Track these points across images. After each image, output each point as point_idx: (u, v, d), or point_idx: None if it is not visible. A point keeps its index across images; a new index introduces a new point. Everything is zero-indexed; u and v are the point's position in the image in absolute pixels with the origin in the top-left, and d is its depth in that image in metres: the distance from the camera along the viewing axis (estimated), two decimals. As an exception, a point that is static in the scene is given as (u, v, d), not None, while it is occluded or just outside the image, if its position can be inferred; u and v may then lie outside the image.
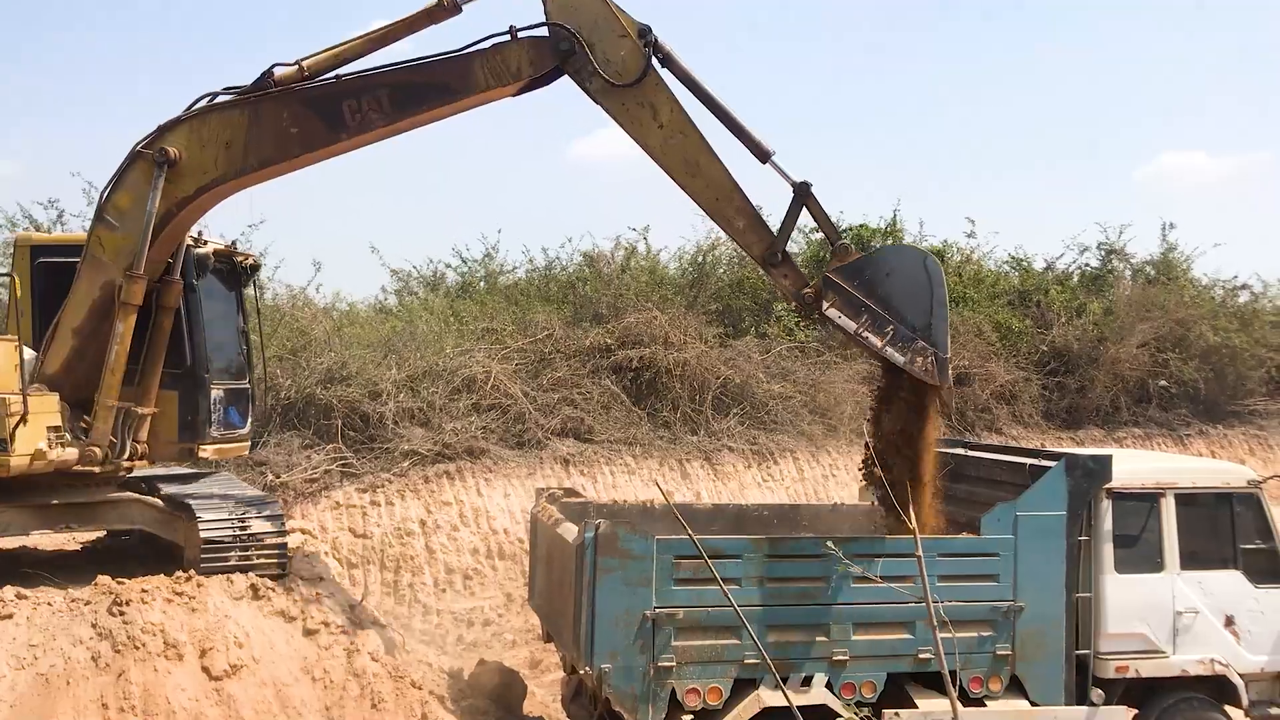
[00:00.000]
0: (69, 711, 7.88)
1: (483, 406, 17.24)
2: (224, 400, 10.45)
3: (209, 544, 9.28)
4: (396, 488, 15.50)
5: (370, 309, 23.06)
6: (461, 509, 15.59)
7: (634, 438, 17.42)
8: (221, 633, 8.65)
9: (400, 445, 16.01)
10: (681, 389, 18.30)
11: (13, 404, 8.77)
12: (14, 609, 8.41)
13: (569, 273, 23.31)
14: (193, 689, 8.30)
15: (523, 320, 19.98)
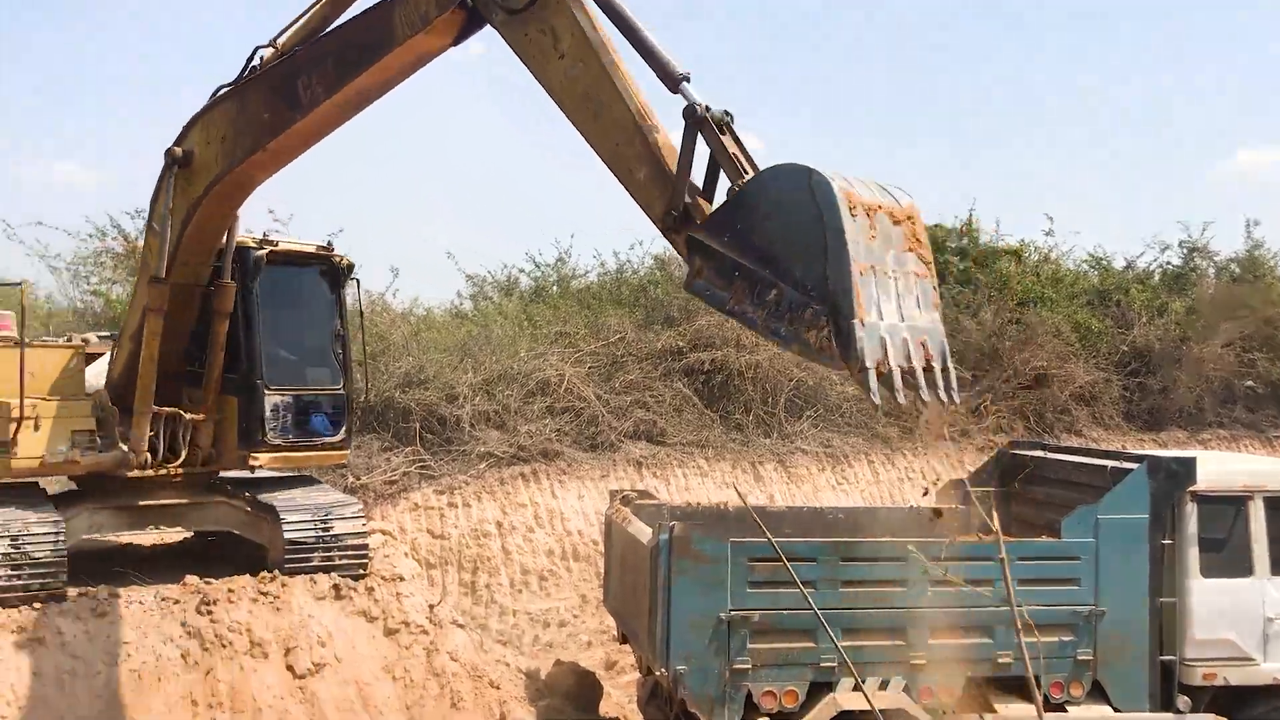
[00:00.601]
0: (160, 707, 8.12)
1: (556, 409, 17.39)
2: (289, 407, 10.22)
3: (293, 545, 9.49)
4: (473, 489, 15.70)
5: (446, 314, 23.34)
6: (536, 510, 15.74)
7: (706, 440, 17.44)
8: (305, 632, 8.85)
9: (476, 447, 16.22)
10: (754, 391, 18.27)
11: (13, 409, 9.11)
12: (107, 607, 8.68)
13: (640, 276, 23.36)
14: (278, 687, 8.51)
15: (595, 323, 20.09)
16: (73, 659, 8.19)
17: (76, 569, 8.88)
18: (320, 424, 10.42)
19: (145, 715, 8.01)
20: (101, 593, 8.84)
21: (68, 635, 8.32)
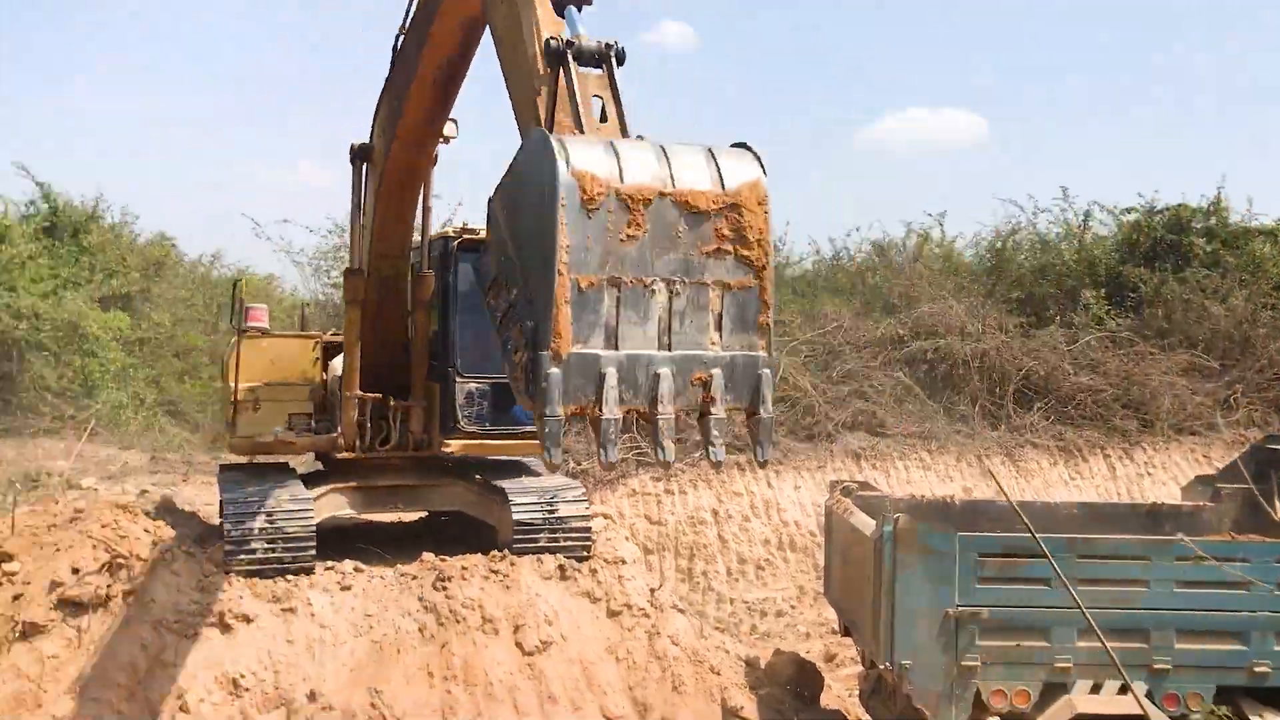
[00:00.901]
0: (400, 677, 8.53)
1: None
2: (484, 395, 10.30)
3: (521, 526, 9.79)
4: (689, 477, 15.80)
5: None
6: (752, 500, 15.71)
7: (929, 432, 16.98)
8: (533, 610, 9.12)
9: (692, 436, 16.29)
10: (980, 381, 17.68)
11: (233, 392, 10.11)
12: (352, 581, 9.19)
13: (857, 262, 22.96)
14: (508, 662, 8.80)
15: (810, 312, 19.88)
16: (321, 628, 8.71)
17: (323, 544, 9.44)
18: (520, 412, 10.22)
19: (386, 684, 8.43)
20: (346, 567, 9.38)
21: (316, 606, 8.85)
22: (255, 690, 8.21)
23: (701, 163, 4.63)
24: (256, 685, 8.23)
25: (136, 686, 8.06)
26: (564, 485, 10.40)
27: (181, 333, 24.43)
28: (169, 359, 23.87)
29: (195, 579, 8.79)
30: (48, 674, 8.09)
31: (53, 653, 8.22)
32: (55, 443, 17.82)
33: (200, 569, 8.90)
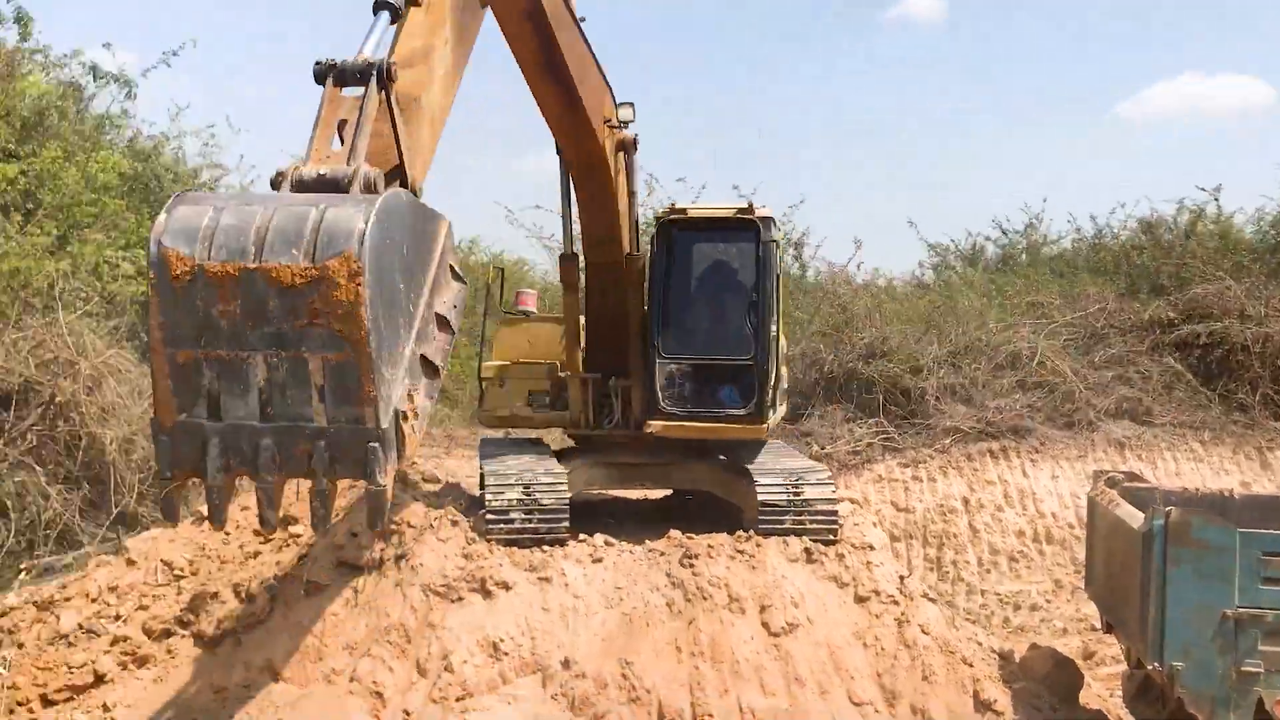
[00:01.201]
0: (649, 650, 8.71)
1: (1028, 384, 16.66)
2: (687, 376, 10.35)
3: (766, 507, 9.80)
4: (938, 464, 15.41)
5: (908, 285, 23.07)
6: (1006, 489, 15.16)
7: (1201, 421, 15.90)
8: (779, 591, 9.12)
9: (942, 421, 15.92)
10: (1261, 368, 16.39)
11: (486, 372, 11.15)
12: (603, 554, 9.45)
13: (1122, 241, 21.69)
14: (754, 642, 8.83)
15: (1070, 293, 18.97)
16: (574, 598, 9.01)
17: (575, 518, 9.76)
18: (727, 395, 10.35)
19: (635, 656, 8.63)
20: (598, 540, 9.65)
21: (570, 576, 9.15)
22: (514, 655, 8.57)
23: (304, 230, 4.37)
24: (515, 650, 8.59)
25: (407, 645, 8.57)
26: (810, 468, 10.34)
27: (441, 315, 25.78)
28: (430, 340, 25.25)
29: (459, 546, 9.25)
30: (328, 630, 8.72)
31: (333, 610, 8.84)
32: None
33: (464, 537, 9.36)
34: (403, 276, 4.77)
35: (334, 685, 8.38)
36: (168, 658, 8.74)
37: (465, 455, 16.02)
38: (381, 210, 4.46)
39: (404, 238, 4.77)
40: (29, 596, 9.87)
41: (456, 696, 8.31)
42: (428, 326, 5.07)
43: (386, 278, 4.57)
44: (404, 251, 4.78)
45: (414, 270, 4.92)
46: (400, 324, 4.77)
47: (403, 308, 4.79)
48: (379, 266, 4.45)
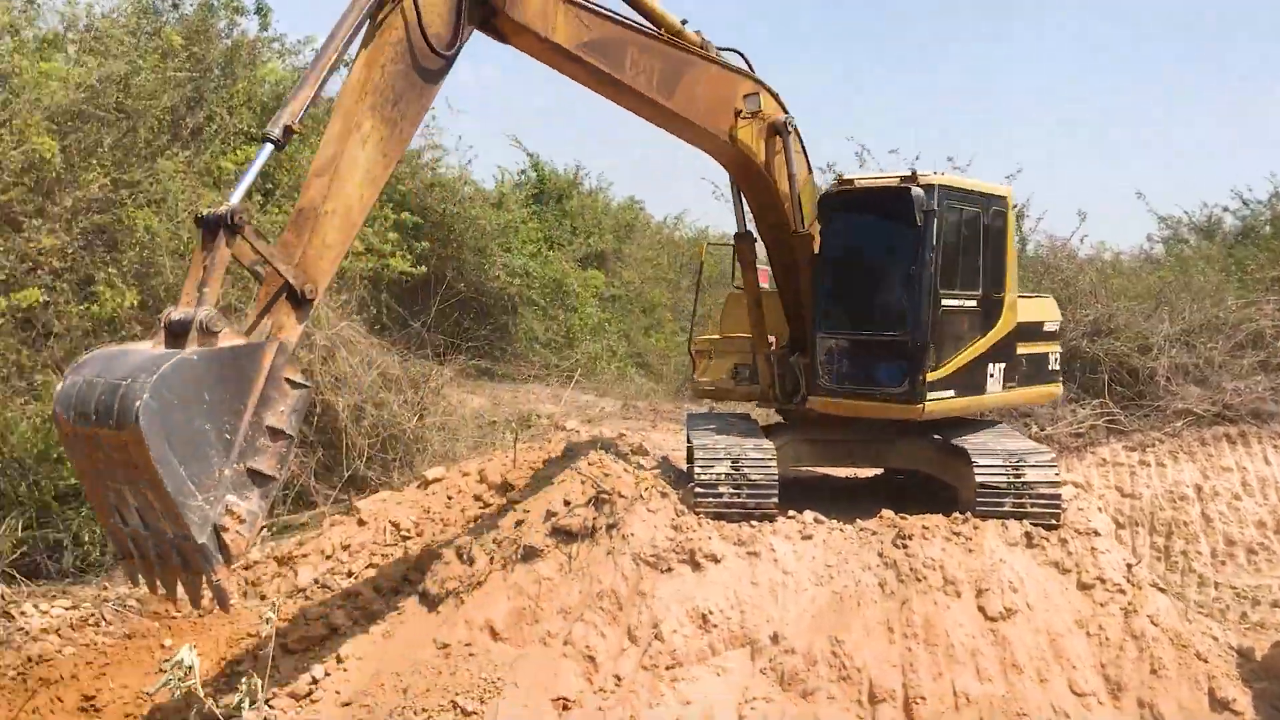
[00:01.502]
0: (859, 629, 8.59)
1: (1271, 365, 15.51)
2: (845, 353, 10.17)
3: (984, 489, 9.50)
4: (1168, 448, 14.57)
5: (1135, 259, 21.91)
6: (1244, 476, 14.19)
7: None
8: (996, 576, 8.83)
9: (1173, 403, 15.06)
10: None
11: (698, 344, 11.72)
12: (813, 531, 9.37)
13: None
14: (969, 626, 8.58)
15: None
16: (783, 574, 8.97)
17: (783, 494, 9.72)
18: (884, 373, 9.98)
19: (846, 634, 8.53)
20: (807, 517, 9.58)
21: (779, 552, 9.12)
22: (722, 627, 8.61)
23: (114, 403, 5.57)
24: (724, 622, 8.63)
25: (618, 612, 8.74)
26: (1031, 449, 9.94)
27: (648, 290, 26.12)
28: (637, 314, 25.62)
29: (668, 518, 9.35)
30: (543, 594, 8.98)
31: (547, 575, 9.10)
32: (542, 388, 19.74)
33: (673, 509, 9.46)
34: (208, 418, 5.77)
35: (549, 647, 8.64)
36: (395, 613, 9.20)
37: (670, 428, 16.17)
38: (160, 382, 5.50)
39: (201, 388, 5.74)
40: (270, 552, 10.59)
41: (666, 665, 8.42)
42: (255, 442, 6.02)
43: (181, 429, 5.63)
44: (205, 398, 5.77)
45: (224, 406, 5.87)
46: (211, 455, 5.79)
47: (211, 442, 5.80)
48: (167, 425, 5.54)
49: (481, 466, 11.35)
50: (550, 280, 22.59)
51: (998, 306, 10.29)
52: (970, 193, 10.18)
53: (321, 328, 12.80)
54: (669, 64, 8.90)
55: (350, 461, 12.55)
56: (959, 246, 9.98)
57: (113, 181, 13.08)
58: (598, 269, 24.90)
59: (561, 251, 23.91)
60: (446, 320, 19.50)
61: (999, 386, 10.34)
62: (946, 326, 9.84)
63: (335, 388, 12.63)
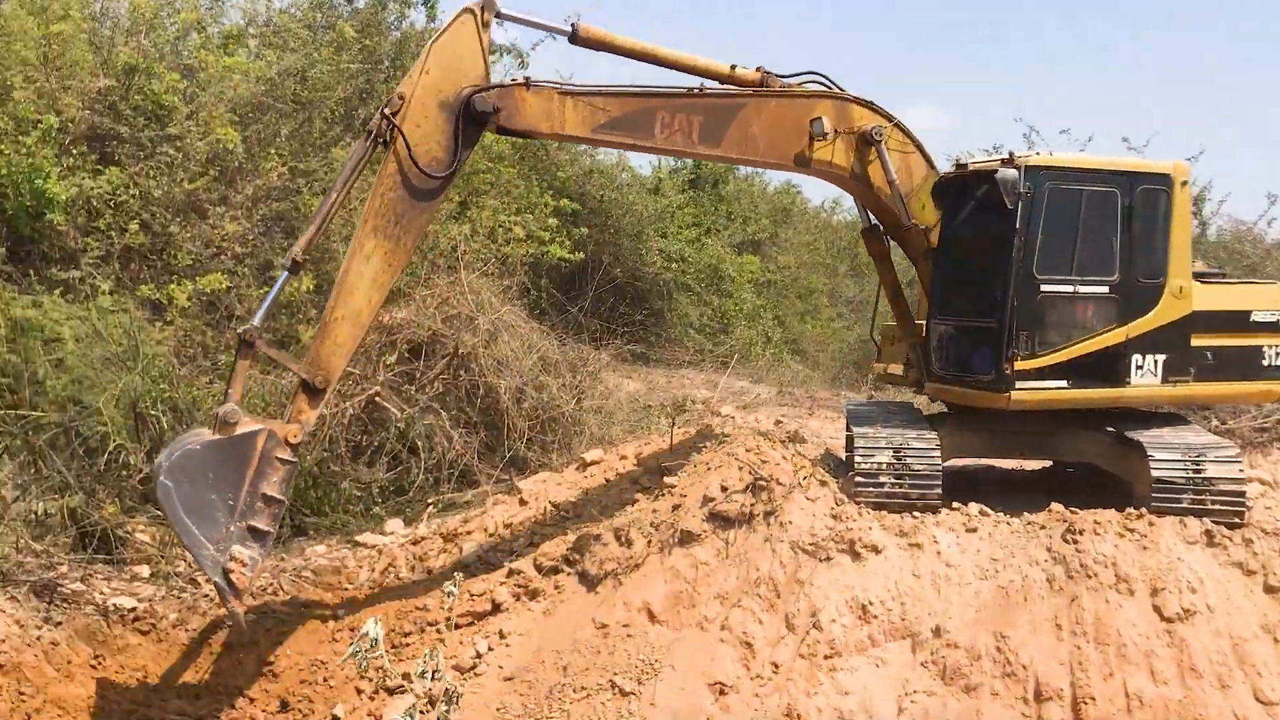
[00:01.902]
0: (1026, 625, 8.36)
1: None
2: (951, 340, 10.11)
3: (1161, 484, 9.11)
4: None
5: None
6: None
7: None
8: (1174, 575, 8.46)
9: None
10: None
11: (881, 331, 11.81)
12: (978, 524, 9.15)
13: None
14: (1143, 626, 8.26)
15: None
16: (946, 566, 8.79)
17: (946, 486, 9.51)
18: (978, 360, 9.79)
19: (1011, 630, 8.31)
20: (972, 509, 9.35)
21: (942, 544, 8.94)
22: (883, 618, 8.50)
23: (158, 475, 7.63)
24: (884, 614, 8.51)
25: (776, 600, 8.71)
26: (1213, 443, 9.47)
27: (805, 276, 25.86)
28: (793, 300, 25.40)
29: (828, 506, 9.26)
30: (700, 578, 9.02)
31: (705, 560, 9.14)
32: (697, 373, 19.78)
33: (832, 498, 9.36)
34: (213, 490, 7.46)
35: (706, 632, 8.68)
36: (555, 592, 9.38)
37: (828, 416, 15.98)
38: (173, 466, 7.34)
39: (203, 469, 7.43)
40: (437, 528, 10.92)
41: (824, 654, 8.37)
42: (254, 505, 7.62)
43: (191, 499, 7.35)
44: (210, 476, 7.44)
45: (226, 481, 7.51)
46: (218, 517, 7.48)
47: (218, 507, 7.48)
48: (180, 496, 7.31)
49: (638, 450, 11.45)
50: (706, 266, 22.59)
51: (1150, 293, 9.69)
52: (1092, 172, 9.72)
53: (485, 312, 13.11)
54: (711, 114, 9.10)
55: (511, 443, 12.82)
56: (1075, 229, 9.59)
57: (290, 170, 13.68)
58: (753, 254, 24.77)
59: (717, 237, 23.87)
60: (603, 305, 19.71)
61: (1154, 380, 9.72)
62: (1049, 313, 9.56)
63: (498, 371, 12.92)
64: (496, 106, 8.26)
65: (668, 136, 8.95)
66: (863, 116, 9.77)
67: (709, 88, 9.38)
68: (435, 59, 8.12)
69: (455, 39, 8.20)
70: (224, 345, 12.19)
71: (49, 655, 8.26)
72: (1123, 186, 9.62)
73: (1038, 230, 9.45)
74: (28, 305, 10.62)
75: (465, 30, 8.21)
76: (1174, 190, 9.76)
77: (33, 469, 10.07)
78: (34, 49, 12.49)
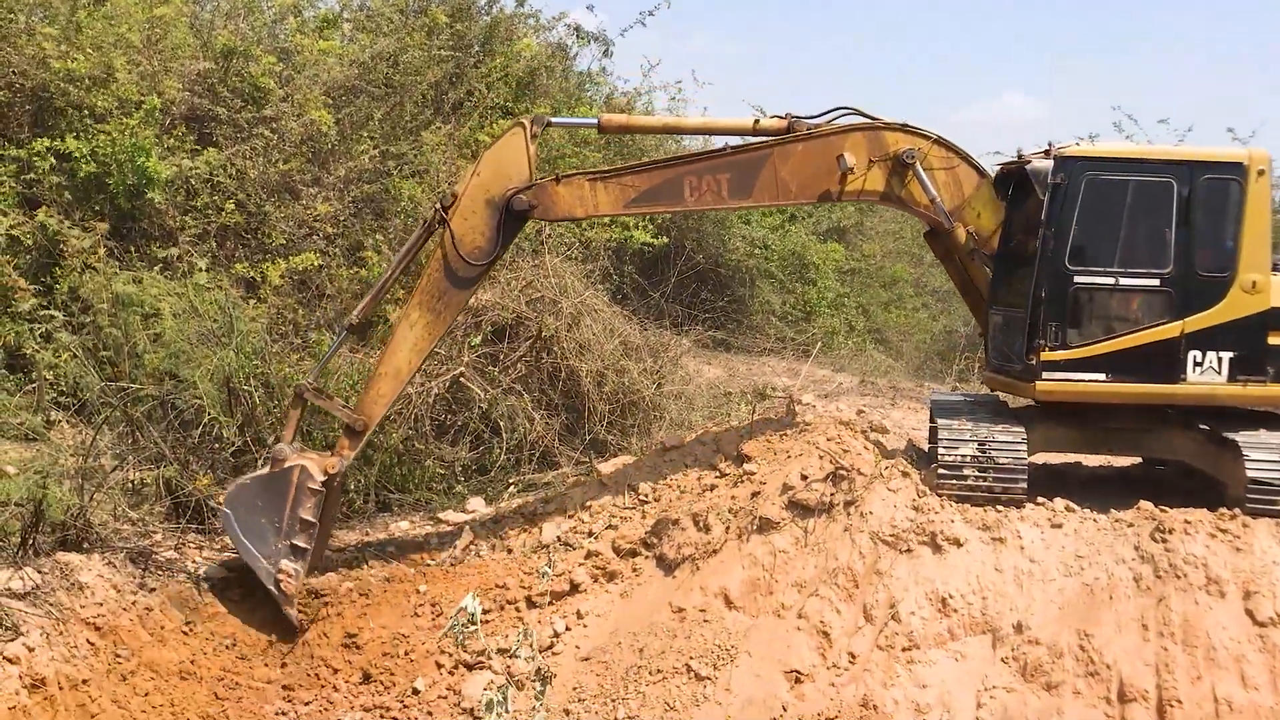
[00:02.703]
0: (1111, 624, 8.20)
1: None
2: (1002, 328, 10.13)
3: (1256, 484, 8.86)
4: None
5: None
6: None
7: None
8: (1269, 578, 8.22)
9: None
10: None
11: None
12: (1063, 519, 8.99)
13: None
14: (1234, 630, 8.05)
15: None
16: (1030, 562, 8.65)
17: (1032, 481, 9.36)
18: (1015, 351, 9.80)
19: (1096, 629, 8.16)
20: (1058, 505, 9.19)
21: (1026, 539, 8.80)
22: (963, 612, 8.41)
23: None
24: (964, 608, 8.42)
25: (854, 590, 8.67)
26: (1315, 444, 9.17)
27: (889, 264, 25.55)
28: (877, 289, 25.12)
29: (909, 498, 9.17)
30: (778, 566, 9.01)
31: (783, 548, 9.12)
32: (778, 361, 19.70)
33: (914, 489, 9.27)
34: (262, 515, 9.08)
35: (783, 620, 8.68)
36: (633, 575, 9.44)
37: (911, 407, 15.83)
38: (229, 498, 9.15)
39: (254, 498, 9.09)
40: (517, 508, 11.05)
41: (903, 647, 8.31)
42: (294, 527, 9.13)
43: (248, 523, 9.06)
44: (259, 504, 9.07)
45: (272, 508, 9.10)
46: (269, 537, 9.09)
47: (268, 528, 9.09)
48: (237, 520, 9.05)
49: (718, 436, 11.45)
50: (789, 253, 22.46)
51: (1213, 287, 9.31)
52: (1141, 162, 9.50)
53: (568, 296, 13.21)
54: (738, 170, 9.56)
55: (591, 425, 12.91)
56: (1119, 220, 9.45)
57: (381, 153, 13.90)
58: (837, 242, 24.54)
59: (801, 224, 23.70)
60: (685, 291, 19.71)
61: (1218, 378, 9.35)
62: (1084, 305, 9.46)
63: (579, 354, 13.01)
64: (532, 204, 9.25)
65: (698, 198, 9.59)
66: (897, 141, 9.77)
67: (733, 145, 9.79)
68: (487, 163, 9.28)
69: (506, 148, 9.27)
70: (315, 323, 12.46)
71: (143, 620, 8.55)
72: (1180, 176, 9.32)
73: (1071, 221, 9.36)
74: (128, 281, 10.98)
75: (515, 141, 9.25)
76: (1248, 179, 9.35)
77: (130, 440, 10.43)
78: (137, 32, 12.86)
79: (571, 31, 18.56)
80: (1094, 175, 9.36)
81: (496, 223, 9.25)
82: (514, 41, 17.18)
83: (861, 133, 9.79)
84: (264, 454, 9.87)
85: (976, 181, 10.00)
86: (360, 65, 14.53)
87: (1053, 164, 9.41)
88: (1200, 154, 9.62)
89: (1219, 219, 9.41)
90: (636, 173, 9.54)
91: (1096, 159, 9.49)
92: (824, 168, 9.70)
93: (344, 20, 16.21)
